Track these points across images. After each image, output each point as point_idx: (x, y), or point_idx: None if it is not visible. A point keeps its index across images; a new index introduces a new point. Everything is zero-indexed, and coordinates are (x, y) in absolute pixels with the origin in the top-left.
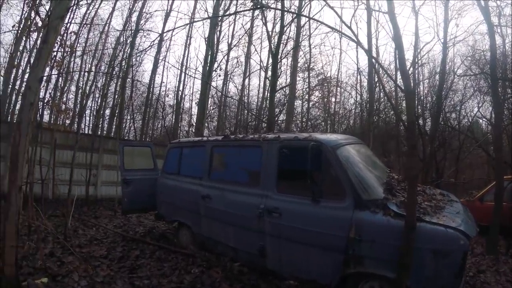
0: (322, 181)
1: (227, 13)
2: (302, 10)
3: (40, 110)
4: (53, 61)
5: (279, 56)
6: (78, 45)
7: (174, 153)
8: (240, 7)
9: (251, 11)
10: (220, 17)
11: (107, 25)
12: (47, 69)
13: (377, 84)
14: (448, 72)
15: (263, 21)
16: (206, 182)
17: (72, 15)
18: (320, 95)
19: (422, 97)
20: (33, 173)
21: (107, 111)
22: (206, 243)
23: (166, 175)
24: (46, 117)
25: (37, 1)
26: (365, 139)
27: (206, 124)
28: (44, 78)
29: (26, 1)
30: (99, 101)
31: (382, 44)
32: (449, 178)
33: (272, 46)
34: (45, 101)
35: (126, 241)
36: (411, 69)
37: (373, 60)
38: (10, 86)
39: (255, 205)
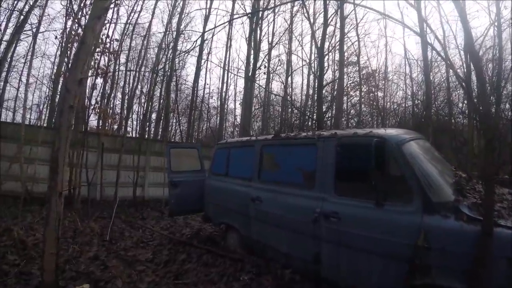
0: (386, 182)
1: (266, 10)
2: None
3: (87, 115)
4: (97, 67)
5: (325, 50)
6: (121, 52)
7: (222, 154)
8: (279, 2)
9: (291, 7)
10: (261, 11)
11: (148, 30)
12: (89, 73)
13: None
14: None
15: (305, 15)
16: (255, 183)
17: (111, 23)
18: (366, 89)
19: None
20: (80, 177)
21: (153, 115)
22: (254, 247)
23: (214, 176)
24: (94, 122)
25: (77, 12)
26: (421, 133)
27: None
28: (87, 81)
29: (67, 13)
30: (145, 105)
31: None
32: (503, 175)
33: (317, 40)
34: (92, 107)
35: (172, 244)
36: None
37: (430, 47)
38: (58, 95)
39: (310, 208)
